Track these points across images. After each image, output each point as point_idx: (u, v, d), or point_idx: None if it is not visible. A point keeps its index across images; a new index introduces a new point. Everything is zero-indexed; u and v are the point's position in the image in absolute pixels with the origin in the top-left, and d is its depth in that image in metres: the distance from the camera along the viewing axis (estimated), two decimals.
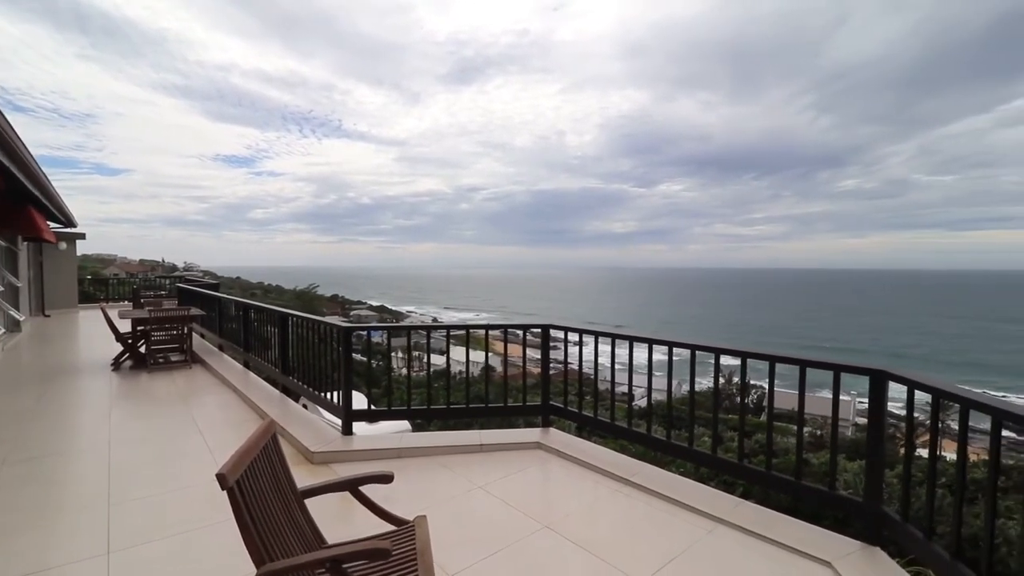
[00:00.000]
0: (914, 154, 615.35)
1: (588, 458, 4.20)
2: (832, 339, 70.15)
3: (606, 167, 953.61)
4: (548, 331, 4.84)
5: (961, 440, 2.39)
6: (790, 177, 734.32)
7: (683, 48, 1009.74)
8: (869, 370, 2.87)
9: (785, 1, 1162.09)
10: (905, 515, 2.76)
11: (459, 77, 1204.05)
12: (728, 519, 3.27)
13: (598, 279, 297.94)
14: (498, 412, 4.97)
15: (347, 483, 2.22)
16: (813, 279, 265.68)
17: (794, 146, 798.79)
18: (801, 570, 2.77)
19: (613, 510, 3.51)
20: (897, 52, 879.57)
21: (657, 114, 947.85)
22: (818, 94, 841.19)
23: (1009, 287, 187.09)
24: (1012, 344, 68.39)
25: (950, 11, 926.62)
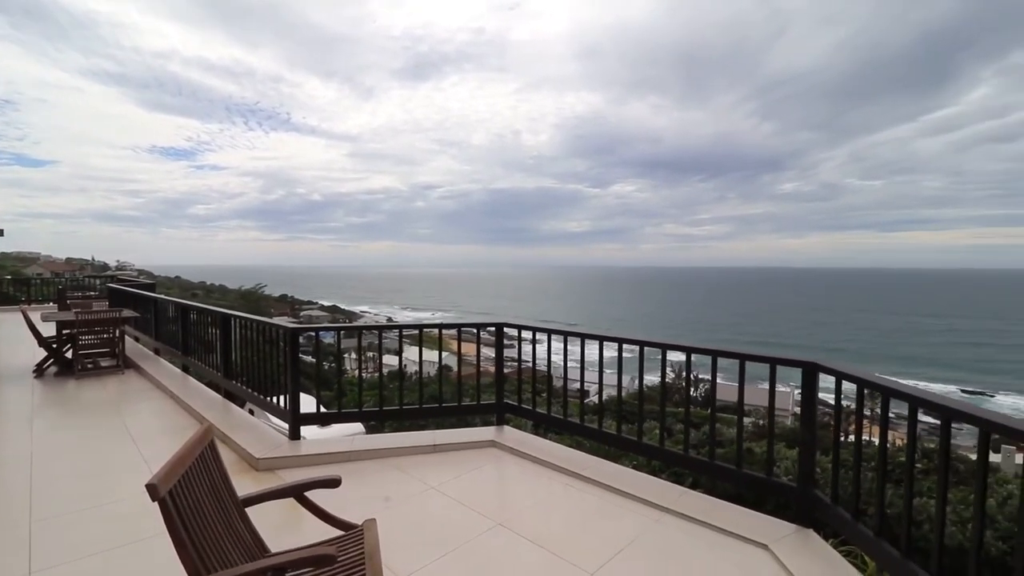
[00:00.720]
0: (846, 160, 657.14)
1: (542, 455, 4.25)
2: (774, 335, 73.92)
3: (562, 167, 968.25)
4: (502, 330, 4.86)
5: (882, 426, 2.57)
6: (735, 180, 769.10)
7: (635, 52, 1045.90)
8: (801, 363, 3.05)
9: (730, 12, 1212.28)
10: (834, 498, 2.94)
11: (414, 73, 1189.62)
12: (674, 508, 3.39)
13: (554, 278, 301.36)
14: (453, 412, 4.94)
15: (291, 489, 2.15)
16: (756, 277, 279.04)
17: (739, 150, 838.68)
18: (739, 553, 2.91)
19: (565, 505, 3.57)
20: (830, 64, 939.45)
21: (611, 116, 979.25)
22: (760, 101, 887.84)
23: (930, 284, 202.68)
24: (935, 337, 74.25)
25: (878, 28, 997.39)
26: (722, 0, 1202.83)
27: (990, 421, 1.95)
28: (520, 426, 10.30)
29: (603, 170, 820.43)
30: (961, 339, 72.13)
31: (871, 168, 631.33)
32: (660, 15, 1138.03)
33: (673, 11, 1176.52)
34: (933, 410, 2.25)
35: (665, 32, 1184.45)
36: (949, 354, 62.55)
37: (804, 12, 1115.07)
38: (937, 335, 76.22)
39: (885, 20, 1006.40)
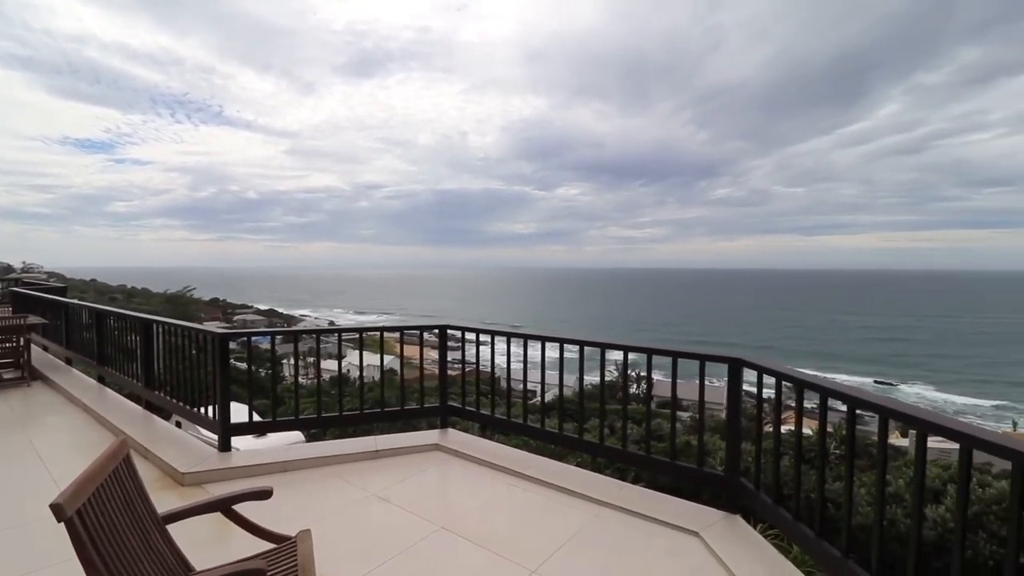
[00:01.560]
0: (773, 168, 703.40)
1: (486, 456, 4.26)
2: (710, 333, 77.66)
3: (508, 169, 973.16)
4: (445, 332, 4.84)
5: (798, 415, 2.78)
6: (673, 185, 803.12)
7: (580, 59, 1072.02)
8: (727, 359, 3.23)
9: (669, 26, 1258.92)
10: (757, 485, 3.14)
11: (358, 69, 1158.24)
12: (614, 502, 3.50)
13: (501, 279, 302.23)
14: (396, 416, 4.87)
15: (217, 503, 2.05)
16: (693, 278, 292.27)
17: (677, 156, 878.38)
18: (673, 541, 3.05)
19: (509, 504, 3.60)
20: (759, 78, 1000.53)
21: (556, 120, 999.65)
22: (697, 111, 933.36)
23: (846, 284, 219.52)
24: (853, 333, 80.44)
25: (801, 47, 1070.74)
26: (662, 14, 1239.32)
27: (887, 408, 2.16)
28: (468, 428, 10.29)
29: (549, 173, 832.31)
30: (876, 335, 78.53)
31: (795, 176, 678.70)
32: (604, 24, 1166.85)
33: (616, 21, 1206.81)
34: (841, 399, 2.45)
35: (608, 41, 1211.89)
36: (866, 349, 67.93)
37: (736, 29, 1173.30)
38: (855, 331, 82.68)
39: (807, 40, 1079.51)
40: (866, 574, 2.26)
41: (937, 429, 1.94)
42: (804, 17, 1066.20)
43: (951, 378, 51.89)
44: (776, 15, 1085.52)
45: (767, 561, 2.80)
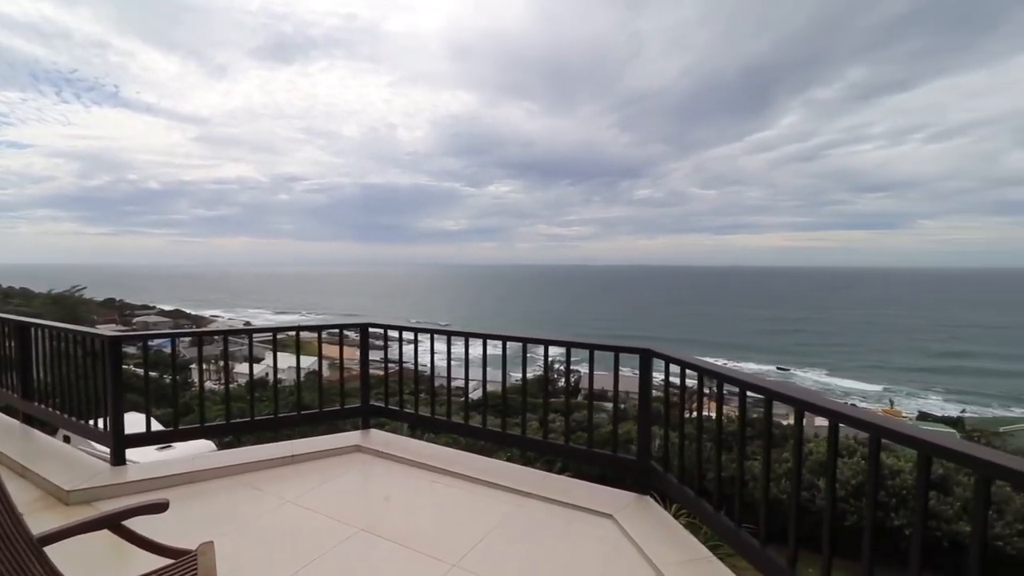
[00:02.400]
0: (689, 171, 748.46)
1: (410, 455, 4.22)
2: (634, 327, 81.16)
3: (438, 165, 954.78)
4: (367, 330, 4.73)
5: (698, 400, 3.01)
6: (598, 185, 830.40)
7: (508, 58, 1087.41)
8: (638, 349, 3.43)
9: (594, 31, 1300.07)
10: (666, 466, 3.36)
11: (276, 54, 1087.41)
12: (535, 492, 3.60)
13: (431, 276, 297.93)
14: (314, 419, 4.69)
15: (102, 520, 1.89)
16: (616, 275, 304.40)
17: (602, 157, 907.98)
18: (589, 524, 3.20)
19: (432, 501, 3.60)
20: (677, 86, 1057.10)
21: (485, 117, 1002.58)
22: (620, 114, 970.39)
23: (755, 281, 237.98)
24: (760, 326, 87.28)
25: (713, 60, 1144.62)
26: (586, 19, 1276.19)
27: (771, 390, 2.40)
28: (397, 429, 10.09)
29: (479, 170, 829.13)
30: (780, 327, 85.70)
31: (708, 179, 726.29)
32: (530, 25, 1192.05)
33: (543, 23, 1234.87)
34: (734, 384, 2.69)
35: (536, 42, 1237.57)
36: (771, 340, 73.98)
37: (656, 38, 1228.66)
38: (761, 324, 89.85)
39: (720, 53, 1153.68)
40: (755, 541, 2.50)
41: (810, 407, 2.19)
42: (717, 31, 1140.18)
43: (844, 365, 57.81)
44: (691, 28, 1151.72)
45: (673, 537, 3.01)
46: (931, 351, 63.87)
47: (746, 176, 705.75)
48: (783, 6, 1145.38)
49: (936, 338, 72.43)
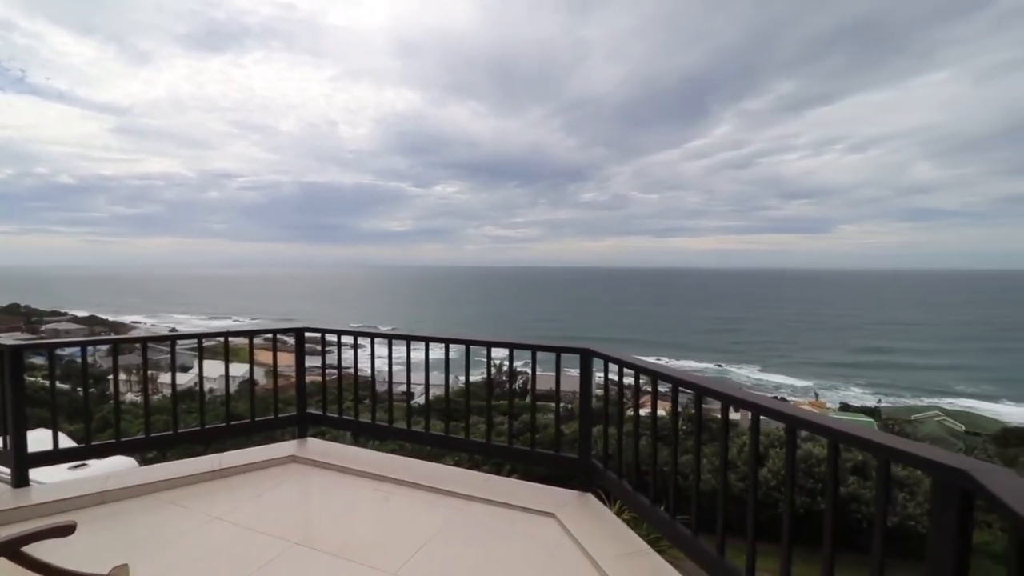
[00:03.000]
0: (631, 176, 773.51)
1: (349, 463, 4.10)
2: (581, 328, 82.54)
3: (383, 163, 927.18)
4: (303, 335, 4.55)
5: (634, 398, 3.10)
6: (545, 187, 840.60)
7: (455, 57, 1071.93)
8: (578, 349, 3.50)
9: (540, 35, 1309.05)
10: (605, 463, 3.44)
11: (207, 42, 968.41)
12: (478, 495, 3.59)
13: (376, 278, 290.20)
14: (246, 430, 4.46)
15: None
16: (564, 277, 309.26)
17: (548, 160, 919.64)
18: (532, 524, 3.22)
19: (372, 510, 3.51)
20: (620, 92, 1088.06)
21: (431, 116, 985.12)
22: (566, 118, 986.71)
23: (694, 282, 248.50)
24: (700, 325, 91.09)
25: (654, 68, 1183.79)
26: (533, 23, 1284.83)
27: (700, 386, 2.51)
28: (339, 437, 9.76)
29: (425, 170, 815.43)
30: (718, 326, 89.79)
31: (649, 184, 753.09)
32: (477, 26, 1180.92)
33: (490, 25, 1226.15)
34: (667, 381, 2.79)
35: (483, 43, 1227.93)
36: (711, 339, 77.33)
37: (599, 45, 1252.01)
38: (701, 323, 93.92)
39: (660, 62, 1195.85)
40: (688, 532, 2.60)
41: (735, 401, 2.31)
42: (656, 42, 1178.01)
43: (775, 361, 61.37)
44: (632, 37, 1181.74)
45: (614, 532, 3.09)
46: (853, 347, 68.98)
47: (684, 181, 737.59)
48: (717, 20, 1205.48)
49: (857, 335, 78.35)
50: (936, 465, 1.51)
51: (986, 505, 1.40)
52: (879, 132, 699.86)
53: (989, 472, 1.44)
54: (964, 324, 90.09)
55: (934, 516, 1.55)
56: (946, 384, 50.76)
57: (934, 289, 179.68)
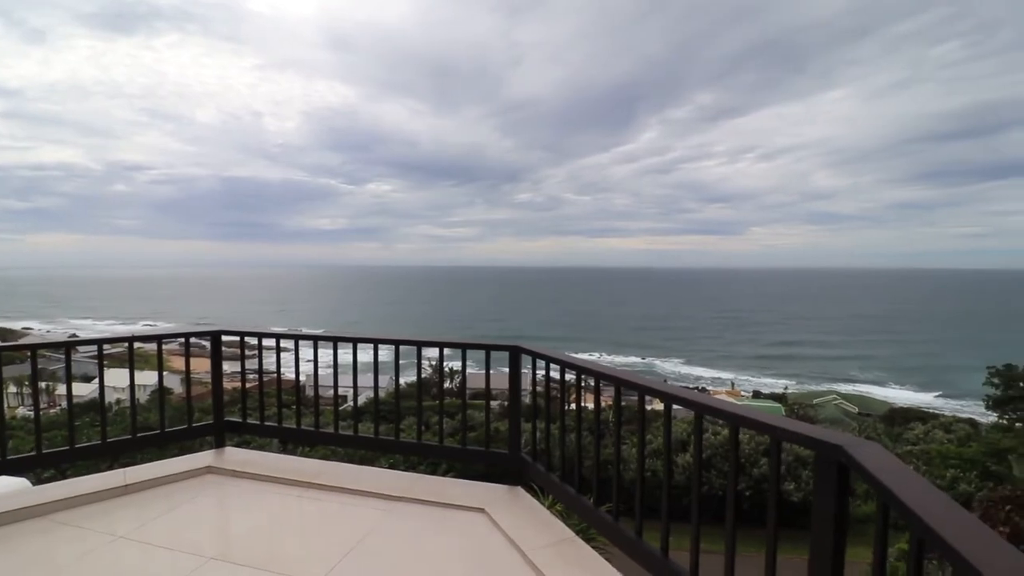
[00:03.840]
0: (565, 178, 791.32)
1: (271, 471, 3.92)
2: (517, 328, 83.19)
3: (313, 159, 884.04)
4: (220, 338, 4.30)
5: (561, 392, 3.22)
6: (482, 187, 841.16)
7: (390, 54, 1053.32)
8: (507, 347, 3.56)
9: (476, 36, 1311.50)
10: (534, 456, 3.53)
11: (113, 23, 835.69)
12: (408, 495, 3.56)
13: (305, 278, 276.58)
14: (154, 441, 4.16)
15: None
16: (500, 276, 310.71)
17: (485, 160, 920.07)
18: (462, 521, 3.25)
19: (296, 518, 3.39)
20: (554, 96, 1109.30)
21: (366, 112, 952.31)
22: (502, 119, 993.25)
23: (624, 280, 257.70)
24: (632, 322, 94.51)
25: (585, 75, 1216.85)
26: (469, 23, 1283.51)
27: (619, 378, 2.65)
28: (266, 446, 9.27)
29: (359, 167, 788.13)
30: (648, 323, 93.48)
31: (582, 186, 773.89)
32: (412, 23, 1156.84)
33: (424, 22, 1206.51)
34: (591, 375, 2.91)
35: (419, 41, 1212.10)
36: (641, 335, 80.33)
37: (534, 49, 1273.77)
38: (633, 320, 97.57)
39: (591, 69, 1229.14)
40: (610, 518, 2.73)
41: (650, 391, 2.46)
42: (586, 51, 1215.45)
43: (699, 355, 64.98)
44: (565, 45, 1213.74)
45: (542, 523, 3.17)
46: (766, 341, 74.43)
47: (615, 184, 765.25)
48: (642, 33, 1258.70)
49: (771, 330, 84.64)
50: (817, 442, 1.70)
51: (858, 475, 1.59)
52: (786, 143, 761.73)
53: (860, 446, 1.64)
54: (860, 318, 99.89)
55: (816, 487, 1.74)
56: (844, 371, 56.08)
57: (834, 286, 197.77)
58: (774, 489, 1.91)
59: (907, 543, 1.32)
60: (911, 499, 1.28)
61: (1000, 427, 18.13)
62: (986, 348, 28.87)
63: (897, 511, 1.33)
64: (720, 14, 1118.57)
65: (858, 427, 20.46)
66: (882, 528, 1.48)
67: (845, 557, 1.67)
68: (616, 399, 2.73)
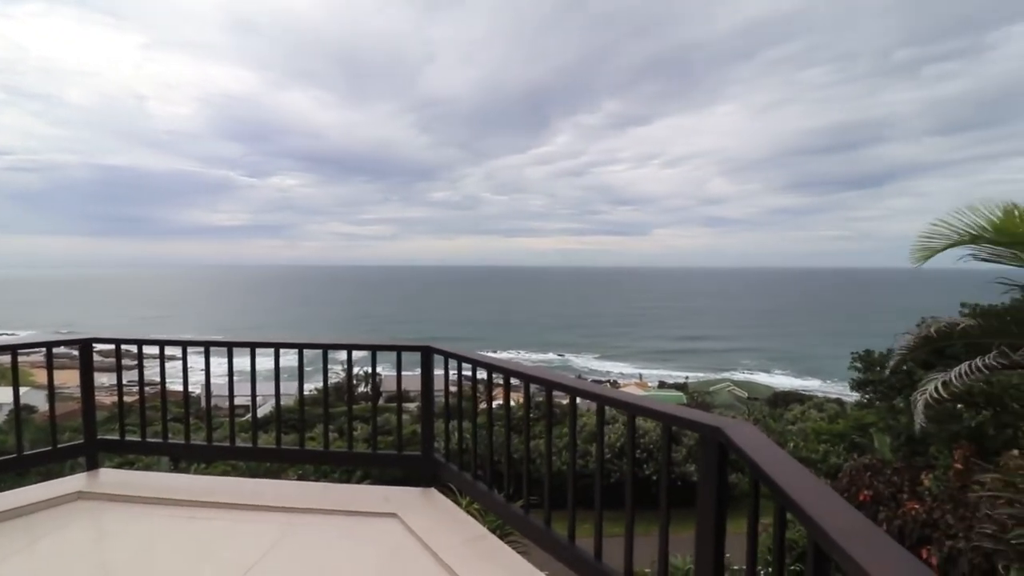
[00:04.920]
0: (482, 177, 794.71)
1: (155, 492, 3.57)
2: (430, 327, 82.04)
3: (208, 148, 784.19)
4: (90, 347, 3.83)
5: (472, 389, 3.23)
6: (396, 184, 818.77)
7: (296, 41, 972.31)
8: (419, 347, 3.52)
9: (390, 29, 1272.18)
10: (447, 457, 3.52)
11: None
12: (315, 506, 3.40)
13: (198, 278, 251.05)
14: (10, 467, 3.62)
15: None
16: (417, 275, 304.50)
17: (399, 157, 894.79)
18: (373, 528, 3.16)
19: (185, 541, 3.11)
20: (470, 96, 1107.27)
21: (269, 101, 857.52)
22: (417, 116, 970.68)
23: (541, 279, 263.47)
24: (547, 320, 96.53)
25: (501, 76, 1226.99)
26: (381, 15, 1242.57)
27: (525, 374, 2.73)
28: (154, 465, 8.36)
29: (261, 158, 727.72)
30: (565, 321, 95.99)
31: (498, 186, 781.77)
32: (321, 10, 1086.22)
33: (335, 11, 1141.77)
34: (500, 373, 2.96)
35: (329, 29, 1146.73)
36: (557, 334, 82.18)
37: (449, 46, 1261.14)
38: (549, 319, 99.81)
39: (506, 71, 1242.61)
40: (520, 510, 2.80)
41: (556, 386, 2.56)
42: (500, 53, 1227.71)
43: (612, 351, 68.07)
44: (479, 46, 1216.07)
45: (455, 523, 3.17)
46: (671, 335, 79.68)
47: (530, 185, 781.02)
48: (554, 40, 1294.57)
49: (675, 325, 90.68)
50: (700, 425, 1.86)
51: (734, 453, 1.76)
52: (686, 151, 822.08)
53: (736, 427, 1.82)
54: (747, 313, 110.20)
55: (700, 466, 1.90)
56: (737, 361, 61.59)
57: (726, 284, 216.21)
58: (665, 469, 2.07)
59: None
60: (774, 471, 1.44)
61: (862, 405, 20.87)
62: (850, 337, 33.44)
63: (764, 483, 1.50)
64: (626, 28, 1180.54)
65: (747, 410, 22.61)
66: (755, 498, 1.65)
67: (726, 527, 1.84)
68: (526, 395, 2.79)
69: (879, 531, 1.17)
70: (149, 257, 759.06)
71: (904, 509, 8.07)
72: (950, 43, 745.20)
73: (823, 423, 18.03)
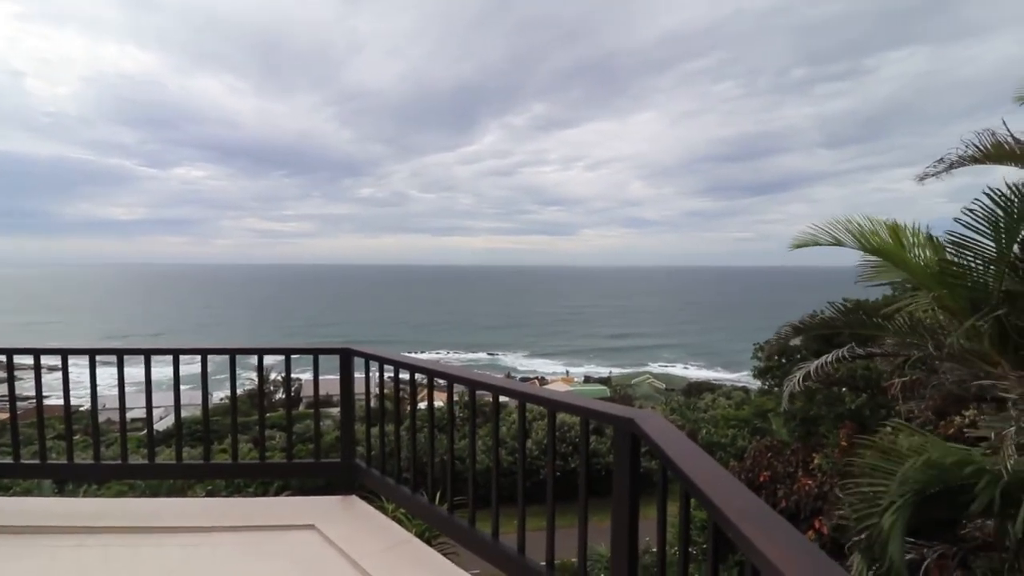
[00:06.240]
0: (409, 174, 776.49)
1: (33, 520, 3.16)
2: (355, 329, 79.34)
3: (99, 134, 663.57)
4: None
5: (395, 391, 3.16)
6: (319, 179, 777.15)
7: (203, 21, 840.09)
8: (338, 350, 3.39)
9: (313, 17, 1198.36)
10: (368, 461, 3.42)
11: None
12: (223, 523, 3.17)
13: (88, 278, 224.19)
14: None
15: None
16: (342, 275, 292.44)
17: (322, 151, 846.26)
18: (289, 541, 3.00)
19: (70, 572, 2.78)
20: (396, 91, 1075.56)
21: (173, 85, 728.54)
22: (340, 108, 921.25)
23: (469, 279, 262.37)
24: (481, 320, 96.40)
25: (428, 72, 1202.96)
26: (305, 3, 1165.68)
27: (450, 375, 2.71)
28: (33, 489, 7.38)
29: (163, 147, 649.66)
30: (496, 321, 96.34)
31: (427, 183, 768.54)
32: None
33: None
34: (424, 373, 2.92)
35: (242, 12, 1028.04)
36: (488, 333, 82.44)
37: (374, 39, 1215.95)
38: (480, 317, 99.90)
39: (434, 67, 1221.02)
40: (444, 511, 2.77)
41: (479, 385, 2.56)
42: (427, 49, 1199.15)
43: (540, 349, 69.43)
44: (405, 40, 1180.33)
45: (377, 529, 3.08)
46: (601, 333, 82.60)
47: (458, 183, 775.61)
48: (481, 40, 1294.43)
49: (600, 322, 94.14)
50: (614, 417, 1.94)
51: (645, 443, 1.85)
52: (608, 155, 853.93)
53: (647, 418, 1.91)
54: (665, 310, 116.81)
55: (615, 456, 1.98)
56: (658, 355, 65.16)
57: (644, 282, 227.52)
58: (583, 461, 2.14)
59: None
60: (681, 459, 1.54)
61: (763, 392, 22.87)
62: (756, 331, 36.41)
63: (671, 470, 1.59)
64: (555, 32, 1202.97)
65: (665, 400, 23.96)
66: (663, 484, 1.74)
67: (639, 513, 1.93)
68: (448, 395, 2.77)
69: (771, 511, 1.28)
70: (33, 256, 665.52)
71: (799, 485, 8.91)
72: (838, 65, 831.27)
73: (730, 410, 19.49)
